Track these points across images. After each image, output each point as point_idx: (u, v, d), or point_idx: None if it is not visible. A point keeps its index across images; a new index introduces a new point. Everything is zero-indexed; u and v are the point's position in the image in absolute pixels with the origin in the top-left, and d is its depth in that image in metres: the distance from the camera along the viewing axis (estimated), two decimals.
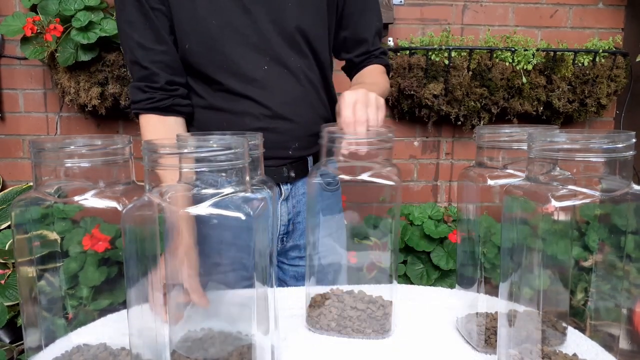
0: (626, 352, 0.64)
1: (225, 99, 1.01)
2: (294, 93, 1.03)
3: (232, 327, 0.65)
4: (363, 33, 1.15)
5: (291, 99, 1.03)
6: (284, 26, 1.00)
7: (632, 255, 0.62)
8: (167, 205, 0.56)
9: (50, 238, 0.67)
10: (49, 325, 0.68)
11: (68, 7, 1.70)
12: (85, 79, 1.80)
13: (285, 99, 1.02)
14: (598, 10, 2.13)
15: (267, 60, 1.00)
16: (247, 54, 0.99)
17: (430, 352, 0.76)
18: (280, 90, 1.01)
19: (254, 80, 1.00)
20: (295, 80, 1.03)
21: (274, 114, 1.01)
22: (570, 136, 0.56)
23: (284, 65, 1.02)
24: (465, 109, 1.98)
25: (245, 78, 1.00)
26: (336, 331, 0.81)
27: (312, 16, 1.04)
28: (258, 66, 1.00)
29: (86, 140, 0.60)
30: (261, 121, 1.01)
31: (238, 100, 1.01)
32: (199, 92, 1.03)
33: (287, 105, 1.02)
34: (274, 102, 1.01)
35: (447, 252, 1.86)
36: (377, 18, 1.17)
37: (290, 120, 1.03)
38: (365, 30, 1.15)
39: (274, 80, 1.01)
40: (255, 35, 0.99)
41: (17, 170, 2.07)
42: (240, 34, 0.99)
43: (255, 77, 1.00)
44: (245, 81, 1.00)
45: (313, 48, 1.05)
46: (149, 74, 0.99)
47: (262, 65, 1.00)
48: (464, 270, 0.80)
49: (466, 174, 0.77)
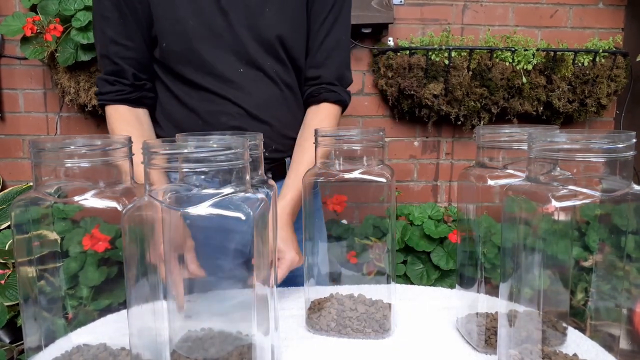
0: (626, 352, 0.64)
1: (202, 97, 1.02)
2: (270, 96, 1.04)
3: (232, 327, 0.65)
4: (323, 66, 1.10)
5: (267, 102, 1.03)
6: (259, 32, 1.01)
7: (633, 255, 0.62)
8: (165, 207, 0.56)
9: (50, 238, 0.67)
10: (49, 325, 0.67)
11: (68, 7, 1.70)
12: (85, 79, 1.80)
13: (260, 101, 1.03)
14: (598, 10, 2.13)
15: (242, 63, 1.01)
16: (222, 56, 1.00)
17: (430, 352, 0.76)
18: (256, 92, 1.02)
19: (230, 81, 1.01)
20: (271, 84, 1.04)
21: (249, 114, 1.02)
22: (570, 136, 0.56)
23: (260, 69, 1.03)
24: (465, 109, 1.98)
25: (222, 79, 1.01)
26: (336, 331, 0.80)
27: (291, 25, 1.04)
28: (234, 68, 1.01)
29: (86, 140, 0.60)
30: (237, 120, 1.01)
31: (214, 99, 1.02)
32: (174, 90, 1.04)
33: (263, 107, 1.03)
34: (249, 104, 1.02)
35: (447, 252, 1.86)
36: (343, 64, 1.12)
37: (266, 122, 1.03)
38: (328, 64, 1.10)
39: (250, 82, 1.02)
40: (231, 38, 1.00)
41: (17, 170, 2.07)
42: (217, 36, 0.99)
43: (231, 78, 1.01)
44: (222, 81, 1.01)
45: (291, 55, 1.05)
46: (118, 69, 1.01)
47: (238, 67, 1.01)
48: (464, 270, 0.80)
49: (466, 174, 0.77)
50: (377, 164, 0.82)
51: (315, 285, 0.86)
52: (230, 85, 1.01)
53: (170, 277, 0.63)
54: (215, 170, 0.53)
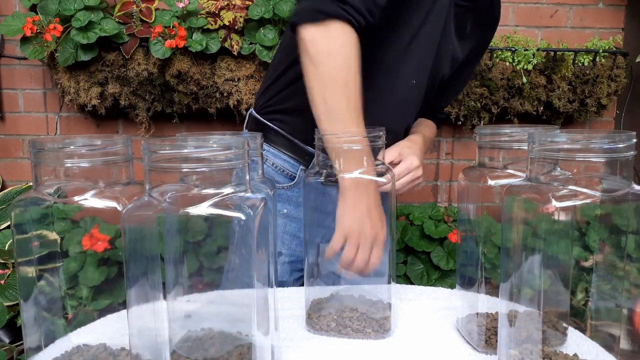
0: (627, 352, 0.64)
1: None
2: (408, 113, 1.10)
3: (232, 327, 0.64)
4: (440, 103, 1.26)
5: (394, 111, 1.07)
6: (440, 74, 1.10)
7: (633, 255, 0.62)
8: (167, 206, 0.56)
9: (50, 238, 0.67)
10: (49, 326, 0.67)
11: (68, 7, 1.70)
12: (85, 79, 1.80)
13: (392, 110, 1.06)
14: (598, 10, 2.13)
15: (413, 83, 1.04)
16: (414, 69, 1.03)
17: (430, 352, 0.76)
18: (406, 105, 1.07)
19: (394, 89, 1.04)
20: (416, 106, 1.10)
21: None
22: (570, 136, 0.56)
23: (419, 91, 1.07)
24: (466, 109, 1.98)
25: (392, 83, 1.03)
26: (336, 331, 0.80)
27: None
28: (409, 79, 1.04)
29: (86, 140, 0.60)
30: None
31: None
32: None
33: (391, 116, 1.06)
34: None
35: (447, 252, 1.86)
36: (459, 92, 1.29)
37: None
38: (443, 101, 1.27)
39: (402, 97, 1.05)
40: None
41: (17, 170, 2.07)
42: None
43: (396, 85, 1.03)
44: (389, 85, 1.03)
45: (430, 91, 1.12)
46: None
47: (410, 80, 1.04)
48: (464, 271, 0.80)
49: (466, 174, 0.77)
50: (377, 163, 0.82)
51: (315, 285, 0.86)
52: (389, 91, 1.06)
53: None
54: (215, 170, 0.53)
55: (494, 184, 0.71)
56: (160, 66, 1.76)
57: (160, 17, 1.76)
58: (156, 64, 1.75)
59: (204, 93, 1.82)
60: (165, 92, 1.84)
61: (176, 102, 1.85)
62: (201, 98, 1.83)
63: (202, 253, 0.67)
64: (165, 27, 1.71)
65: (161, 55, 1.70)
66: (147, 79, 1.78)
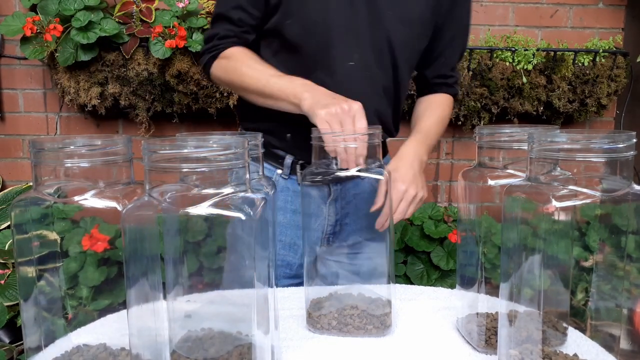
0: (627, 352, 0.64)
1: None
2: (364, 96, 1.02)
3: (232, 327, 0.65)
4: (448, 60, 1.19)
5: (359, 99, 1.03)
6: (377, 35, 1.01)
7: (633, 255, 0.62)
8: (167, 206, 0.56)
9: (50, 238, 0.67)
10: (49, 326, 0.67)
11: (68, 7, 1.70)
12: (85, 78, 1.80)
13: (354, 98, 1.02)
14: (598, 10, 2.13)
15: (355, 57, 1.01)
16: (339, 46, 1.00)
17: (430, 352, 0.76)
18: (352, 89, 0.99)
19: (334, 72, 1.00)
20: (371, 85, 1.04)
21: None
22: (570, 136, 0.56)
23: (367, 69, 1.02)
24: (466, 109, 1.98)
25: (329, 69, 1.00)
26: (337, 329, 0.80)
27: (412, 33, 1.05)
28: (345, 60, 1.01)
29: (86, 140, 0.60)
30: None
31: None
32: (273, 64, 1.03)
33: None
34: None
35: (447, 252, 1.86)
36: (464, 46, 1.22)
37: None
38: (451, 57, 1.20)
39: (352, 77, 1.01)
40: (352, 30, 1.00)
41: (17, 170, 2.07)
42: (343, 27, 0.99)
43: (336, 69, 1.00)
44: (327, 71, 1.00)
45: (396, 64, 1.06)
46: (235, 30, 1.02)
47: (348, 60, 1.01)
48: (464, 271, 0.80)
49: (466, 174, 0.77)
50: (375, 162, 0.82)
51: (315, 285, 0.86)
52: (332, 76, 1.02)
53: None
54: (215, 170, 0.53)
55: (494, 184, 0.71)
56: (160, 66, 1.76)
57: (160, 17, 1.76)
58: (156, 64, 1.75)
59: (204, 93, 1.82)
60: (165, 92, 1.84)
61: (176, 102, 1.85)
62: (201, 98, 1.83)
63: (202, 253, 0.67)
64: (165, 27, 1.71)
65: (161, 55, 1.71)
66: (147, 79, 1.78)
